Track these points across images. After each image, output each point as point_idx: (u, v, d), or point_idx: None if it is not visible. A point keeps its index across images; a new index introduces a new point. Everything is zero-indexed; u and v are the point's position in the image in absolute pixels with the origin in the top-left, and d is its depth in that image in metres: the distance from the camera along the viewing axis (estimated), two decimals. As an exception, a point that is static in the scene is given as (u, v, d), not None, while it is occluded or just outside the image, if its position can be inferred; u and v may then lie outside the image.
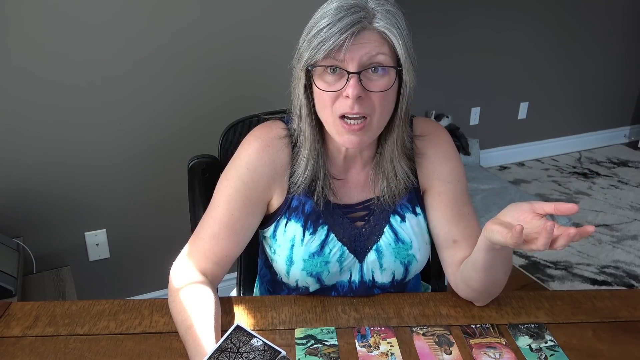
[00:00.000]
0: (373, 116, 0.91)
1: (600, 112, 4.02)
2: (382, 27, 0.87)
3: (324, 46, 0.86)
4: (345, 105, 0.89)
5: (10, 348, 0.90)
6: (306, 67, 0.91)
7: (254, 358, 0.76)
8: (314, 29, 0.89)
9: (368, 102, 0.89)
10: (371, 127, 0.92)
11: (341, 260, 1.02)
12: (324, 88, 0.90)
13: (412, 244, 1.04)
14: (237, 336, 0.79)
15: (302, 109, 0.96)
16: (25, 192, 1.85)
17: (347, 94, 0.88)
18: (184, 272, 0.98)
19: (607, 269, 2.58)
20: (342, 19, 0.86)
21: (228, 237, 0.99)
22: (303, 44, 0.91)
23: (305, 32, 0.91)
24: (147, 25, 1.85)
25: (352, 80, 0.87)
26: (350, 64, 0.87)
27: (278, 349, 0.77)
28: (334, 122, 0.92)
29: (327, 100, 0.90)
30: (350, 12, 0.86)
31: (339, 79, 0.89)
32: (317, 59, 0.88)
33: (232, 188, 1.00)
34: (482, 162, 3.61)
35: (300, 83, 0.94)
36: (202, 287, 0.95)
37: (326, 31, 0.86)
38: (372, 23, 0.87)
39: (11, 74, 1.73)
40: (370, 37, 0.87)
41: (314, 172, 0.99)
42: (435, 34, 3.21)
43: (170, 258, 1.02)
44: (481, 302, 1.02)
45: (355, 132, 0.91)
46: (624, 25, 3.80)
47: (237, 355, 0.76)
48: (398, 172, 1.01)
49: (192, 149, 1.33)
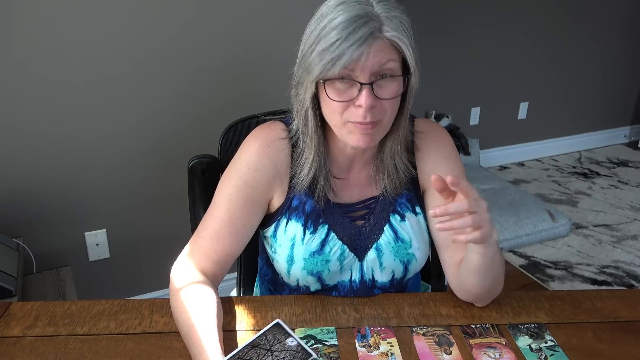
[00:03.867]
0: (384, 119, 0.92)
1: (600, 112, 4.02)
2: (392, 36, 0.87)
3: (339, 61, 0.85)
4: (358, 115, 0.89)
5: (10, 348, 0.90)
6: (318, 80, 0.89)
7: (285, 358, 0.75)
8: (324, 42, 0.86)
9: (379, 109, 0.90)
10: (382, 127, 0.93)
11: (341, 259, 1.03)
12: (335, 97, 0.89)
13: (411, 242, 1.04)
14: (274, 333, 0.77)
15: (308, 115, 0.96)
16: (25, 192, 1.85)
17: (359, 104, 0.88)
18: (184, 272, 0.98)
19: (607, 269, 2.58)
20: (354, 31, 0.84)
21: (229, 236, 0.99)
22: (313, 56, 0.88)
23: (312, 42, 0.89)
24: (148, 25, 1.85)
25: (364, 91, 0.87)
26: (361, 75, 0.87)
27: (311, 351, 0.76)
28: (344, 125, 0.92)
29: (338, 108, 0.90)
30: (361, 22, 0.85)
31: (350, 88, 0.89)
32: (332, 73, 0.87)
33: (233, 187, 1.00)
34: (482, 162, 3.61)
35: (308, 92, 0.92)
36: (204, 286, 0.95)
37: (339, 44, 0.84)
38: (382, 32, 0.86)
39: (11, 73, 1.73)
40: (381, 46, 0.87)
41: (316, 172, 1.00)
42: (435, 34, 3.21)
43: (170, 258, 1.03)
44: (482, 303, 1.03)
45: (367, 131, 0.91)
46: (624, 25, 3.80)
47: (268, 353, 0.75)
48: (398, 164, 1.02)
49: (192, 149, 1.33)
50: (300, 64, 0.93)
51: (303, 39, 0.92)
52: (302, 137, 0.99)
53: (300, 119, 0.98)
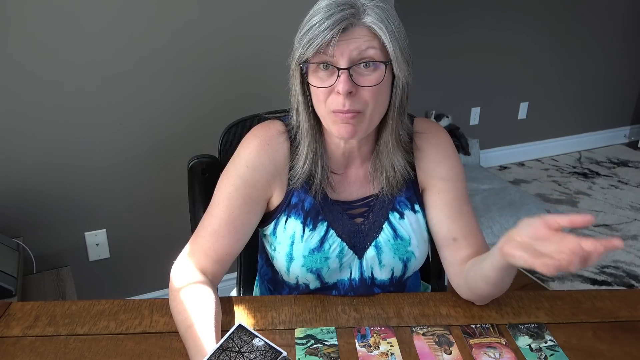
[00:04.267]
0: (366, 111, 0.92)
1: (600, 112, 4.02)
2: (370, 22, 0.88)
3: (313, 43, 0.88)
4: (338, 102, 0.90)
5: (10, 348, 0.90)
6: (299, 64, 0.92)
7: (255, 358, 0.76)
8: (306, 27, 0.90)
9: (360, 98, 0.90)
10: (364, 118, 0.92)
11: (341, 256, 1.03)
12: (316, 84, 0.91)
13: (410, 240, 1.04)
14: (239, 335, 0.79)
15: (299, 104, 0.98)
16: (26, 192, 1.85)
17: (337, 89, 0.89)
18: (184, 272, 0.98)
19: (607, 269, 2.58)
20: (331, 16, 0.87)
21: (228, 235, 1.00)
22: (296, 42, 0.93)
23: (299, 30, 0.93)
24: (148, 25, 1.85)
25: (342, 76, 0.88)
26: (340, 60, 0.88)
27: (279, 349, 0.77)
28: (328, 115, 0.93)
29: (321, 95, 0.92)
30: (340, 8, 0.87)
31: (331, 75, 0.90)
32: (307, 56, 0.90)
33: (232, 186, 1.00)
34: (482, 162, 3.61)
35: (296, 80, 0.95)
36: (203, 286, 0.95)
37: (316, 28, 0.88)
38: (360, 19, 0.88)
39: (11, 74, 1.73)
40: (360, 32, 0.88)
41: (312, 166, 1.00)
42: (435, 34, 3.21)
43: (170, 258, 1.03)
44: (482, 303, 1.03)
45: (348, 121, 0.91)
46: (624, 24, 3.80)
47: (239, 355, 0.76)
48: (395, 164, 1.02)
49: (192, 149, 1.33)
50: (291, 53, 0.95)
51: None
52: (297, 129, 1.01)
53: (294, 110, 1.00)
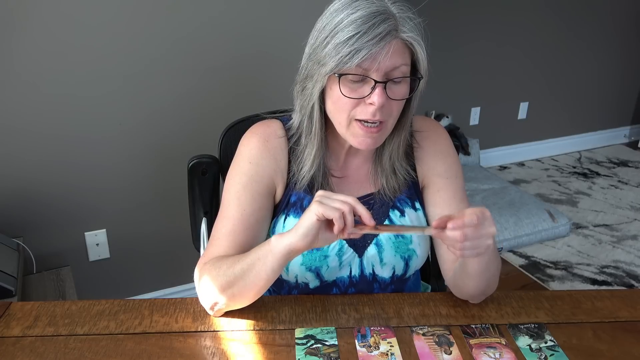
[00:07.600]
0: (388, 121, 0.93)
1: (600, 112, 4.02)
2: (409, 37, 0.88)
3: (357, 55, 0.85)
4: (367, 112, 0.90)
5: (10, 348, 0.90)
6: (335, 74, 0.89)
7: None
8: (341, 35, 0.86)
9: (387, 109, 0.91)
10: (386, 130, 0.94)
11: (340, 255, 1.03)
12: (347, 94, 0.90)
13: (411, 238, 1.05)
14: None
15: (314, 110, 0.96)
16: (26, 192, 1.85)
17: (371, 101, 0.88)
18: (206, 265, 0.97)
19: (607, 269, 2.58)
20: (373, 27, 0.85)
21: (244, 232, 0.99)
22: (328, 49, 0.88)
23: (326, 35, 0.89)
24: (147, 25, 1.85)
25: (378, 89, 0.88)
26: (376, 73, 0.87)
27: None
28: (349, 124, 0.93)
29: (347, 104, 0.91)
30: (380, 19, 0.85)
31: (363, 85, 0.89)
32: (348, 67, 0.87)
33: (239, 184, 1.00)
34: (482, 162, 3.61)
35: (318, 86, 0.92)
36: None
37: (358, 38, 0.85)
38: (399, 32, 0.87)
39: (12, 74, 1.73)
40: (397, 46, 0.88)
41: (317, 168, 1.00)
42: (435, 34, 3.19)
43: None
44: (476, 301, 1.03)
45: (372, 135, 0.92)
46: (623, 25, 3.80)
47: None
48: (397, 169, 1.03)
49: (192, 149, 1.33)
50: (311, 57, 0.93)
51: (314, 33, 0.93)
52: (305, 133, 0.99)
53: (304, 115, 0.98)
